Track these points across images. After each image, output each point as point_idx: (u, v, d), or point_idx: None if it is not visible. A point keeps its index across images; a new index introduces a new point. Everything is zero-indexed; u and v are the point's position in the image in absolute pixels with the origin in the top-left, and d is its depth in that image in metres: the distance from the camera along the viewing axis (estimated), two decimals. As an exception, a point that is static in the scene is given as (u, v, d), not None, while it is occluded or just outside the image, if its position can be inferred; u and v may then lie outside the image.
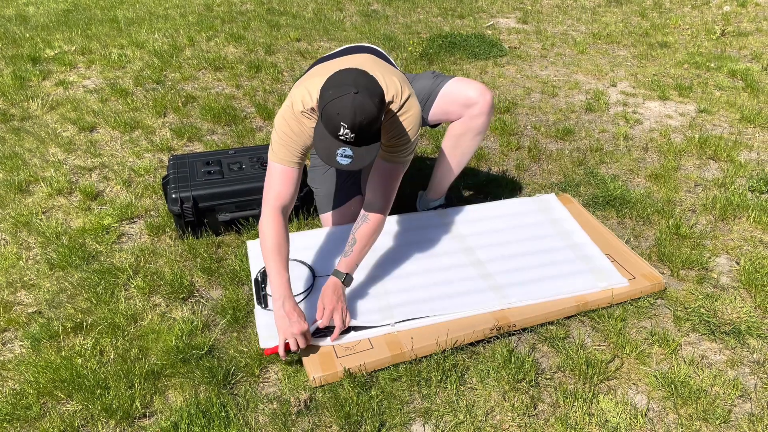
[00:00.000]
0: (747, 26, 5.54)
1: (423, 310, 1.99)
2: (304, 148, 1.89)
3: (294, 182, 1.91)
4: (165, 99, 3.77)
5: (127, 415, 1.70)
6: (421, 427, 1.69)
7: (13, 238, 2.50)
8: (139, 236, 2.53)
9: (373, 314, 1.98)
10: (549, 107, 3.83)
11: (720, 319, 2.06)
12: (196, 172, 2.51)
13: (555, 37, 5.27)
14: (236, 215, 2.46)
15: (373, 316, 1.97)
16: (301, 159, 1.91)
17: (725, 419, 1.69)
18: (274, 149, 1.89)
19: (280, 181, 1.90)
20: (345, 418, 1.67)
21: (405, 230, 2.41)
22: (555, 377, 1.85)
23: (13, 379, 1.83)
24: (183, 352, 1.89)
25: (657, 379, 1.82)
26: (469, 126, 2.28)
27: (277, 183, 1.90)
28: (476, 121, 2.26)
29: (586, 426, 1.68)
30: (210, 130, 3.46)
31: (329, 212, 2.40)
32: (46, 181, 2.88)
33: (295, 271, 2.07)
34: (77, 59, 4.45)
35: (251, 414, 1.72)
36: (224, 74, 4.27)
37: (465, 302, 2.04)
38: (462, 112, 2.26)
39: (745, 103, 3.82)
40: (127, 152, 3.19)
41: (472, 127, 2.28)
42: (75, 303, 2.13)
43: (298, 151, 1.88)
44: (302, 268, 2.20)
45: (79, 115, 3.57)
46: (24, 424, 1.69)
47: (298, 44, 4.92)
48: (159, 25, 5.31)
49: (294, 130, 1.85)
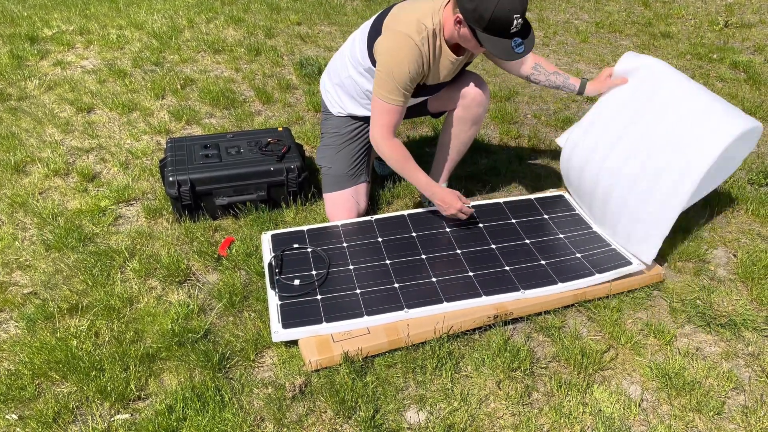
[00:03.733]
0: (750, 18, 5.50)
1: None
2: (414, 82, 2.03)
3: (401, 114, 2.10)
4: (163, 81, 3.75)
5: (121, 398, 1.70)
6: (416, 413, 1.69)
7: (9, 218, 2.49)
8: (135, 219, 2.52)
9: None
10: (550, 96, 3.81)
11: (716, 312, 2.06)
12: (193, 156, 2.50)
13: (557, 25, 5.23)
14: (234, 199, 2.45)
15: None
16: (408, 94, 2.06)
17: (719, 411, 1.70)
18: (391, 95, 2.02)
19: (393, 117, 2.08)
20: (340, 404, 1.67)
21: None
22: (550, 366, 1.85)
23: (8, 359, 1.83)
24: (178, 336, 1.89)
25: (651, 370, 1.83)
26: (465, 115, 2.30)
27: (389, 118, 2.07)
28: (472, 110, 2.29)
29: (579, 415, 1.68)
30: (208, 113, 3.44)
31: (333, 192, 2.39)
32: (42, 161, 2.86)
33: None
34: (75, 39, 4.41)
35: (246, 398, 1.72)
36: (223, 57, 4.23)
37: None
38: (457, 102, 2.30)
39: (746, 95, 3.80)
40: (125, 134, 3.17)
41: (468, 117, 2.30)
42: (71, 284, 2.13)
43: (411, 89, 2.05)
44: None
45: (77, 96, 3.54)
46: (19, 404, 1.69)
47: (299, 28, 4.88)
48: (158, 5, 5.26)
49: (416, 67, 1.98)
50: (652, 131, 2.09)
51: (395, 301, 1.97)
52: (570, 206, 2.47)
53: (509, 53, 1.86)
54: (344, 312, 1.92)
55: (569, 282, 2.04)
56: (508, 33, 1.84)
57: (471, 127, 2.34)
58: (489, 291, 2.01)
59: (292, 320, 1.89)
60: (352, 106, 2.32)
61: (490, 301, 1.98)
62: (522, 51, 1.87)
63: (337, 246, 2.23)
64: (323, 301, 1.97)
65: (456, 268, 2.12)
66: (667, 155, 2.03)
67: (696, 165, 1.96)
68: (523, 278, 2.07)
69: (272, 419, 1.66)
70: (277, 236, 2.27)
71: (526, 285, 2.04)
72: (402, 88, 2.01)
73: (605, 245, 2.24)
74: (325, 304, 1.96)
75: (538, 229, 2.33)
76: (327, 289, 2.03)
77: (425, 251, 2.20)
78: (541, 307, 2.01)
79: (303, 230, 2.30)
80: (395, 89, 2.01)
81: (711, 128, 1.97)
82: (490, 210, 2.43)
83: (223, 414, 1.64)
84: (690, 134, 2.00)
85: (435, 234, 2.29)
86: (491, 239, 2.27)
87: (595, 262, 2.14)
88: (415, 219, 2.37)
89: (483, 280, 2.06)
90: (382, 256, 2.18)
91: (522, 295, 2.00)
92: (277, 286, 2.03)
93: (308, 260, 2.16)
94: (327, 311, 1.93)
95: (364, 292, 2.01)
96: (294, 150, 2.59)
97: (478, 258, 2.17)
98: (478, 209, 2.41)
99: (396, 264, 2.14)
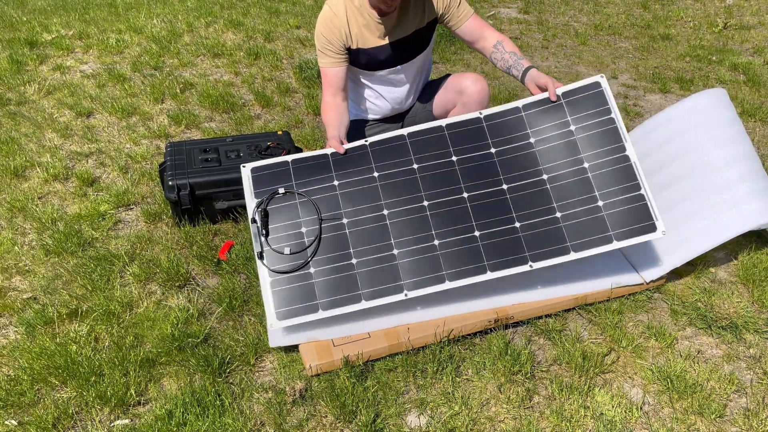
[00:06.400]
0: (749, 20, 5.50)
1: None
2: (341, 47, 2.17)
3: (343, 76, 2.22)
4: (163, 85, 3.75)
5: (121, 403, 1.69)
6: (416, 417, 1.68)
7: (9, 223, 2.48)
8: (135, 223, 2.52)
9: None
10: (549, 99, 3.81)
11: (717, 314, 2.05)
12: (193, 160, 2.49)
13: (557, 27, 5.24)
14: (233, 203, 2.45)
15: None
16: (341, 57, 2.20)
17: (720, 414, 1.69)
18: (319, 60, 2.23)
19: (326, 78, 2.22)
20: (340, 408, 1.67)
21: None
22: (551, 370, 1.85)
23: (8, 365, 1.83)
24: (178, 340, 1.88)
25: (653, 372, 1.82)
26: (465, 113, 2.28)
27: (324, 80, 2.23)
28: (471, 108, 2.30)
29: (581, 419, 1.68)
30: (208, 117, 3.44)
31: None
32: (42, 166, 2.86)
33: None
34: (75, 44, 4.41)
35: (246, 403, 1.71)
36: (223, 61, 4.24)
37: None
38: (456, 100, 2.34)
39: (746, 97, 3.80)
40: (124, 138, 3.17)
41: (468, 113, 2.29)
42: (70, 289, 2.12)
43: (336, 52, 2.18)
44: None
45: (76, 101, 3.54)
46: (18, 410, 1.68)
47: (298, 31, 4.88)
48: (157, 10, 5.26)
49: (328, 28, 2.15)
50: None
51: (394, 277, 1.87)
52: (606, 104, 2.03)
53: None
54: (340, 295, 1.85)
55: (583, 251, 1.88)
56: None
57: None
58: (495, 265, 1.88)
59: (287, 307, 1.83)
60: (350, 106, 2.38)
61: (496, 275, 1.86)
62: None
63: (328, 185, 2.00)
64: (317, 277, 1.88)
65: (462, 224, 1.93)
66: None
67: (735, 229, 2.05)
68: (533, 243, 1.90)
69: (273, 424, 1.65)
70: (258, 171, 2.03)
71: (536, 255, 1.88)
72: (322, 50, 2.19)
73: (634, 189, 1.93)
74: (319, 282, 1.87)
75: (560, 153, 2.00)
76: (320, 258, 1.90)
77: (427, 193, 1.98)
78: (542, 311, 2.01)
79: (287, 161, 2.05)
80: (320, 53, 2.21)
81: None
82: (506, 123, 2.07)
83: (224, 419, 1.64)
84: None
85: (438, 164, 2.03)
86: (503, 174, 2.00)
87: (619, 219, 1.90)
88: (416, 141, 2.07)
89: (490, 244, 1.90)
90: (378, 201, 1.98)
91: (529, 268, 1.87)
92: (265, 255, 1.91)
93: (296, 210, 1.96)
94: (322, 293, 1.85)
95: (360, 262, 1.90)
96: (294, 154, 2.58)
97: (487, 207, 1.96)
98: (492, 120, 2.08)
99: (394, 218, 1.95)
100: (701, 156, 2.13)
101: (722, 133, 2.15)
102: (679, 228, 2.10)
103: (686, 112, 2.21)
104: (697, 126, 2.17)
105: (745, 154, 2.14)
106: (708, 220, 2.06)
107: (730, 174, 2.09)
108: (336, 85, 2.21)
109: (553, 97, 2.04)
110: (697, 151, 2.15)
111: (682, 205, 2.11)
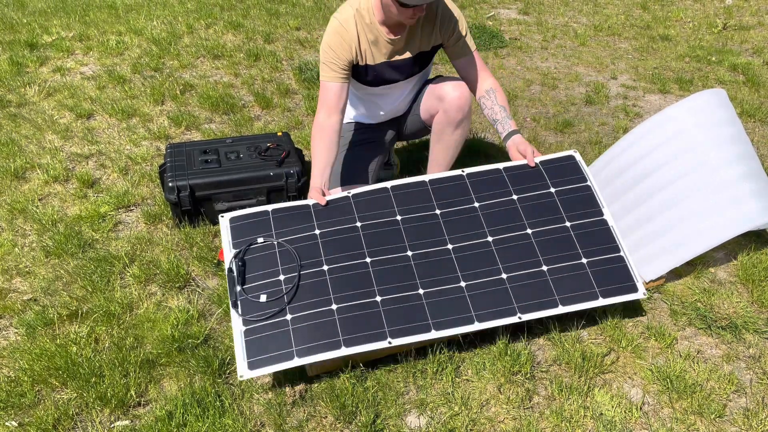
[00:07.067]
0: (749, 20, 5.51)
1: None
2: (347, 61, 2.13)
3: (342, 94, 2.16)
4: (163, 87, 3.75)
5: (121, 404, 1.70)
6: (416, 418, 1.69)
7: (9, 225, 2.48)
8: (135, 224, 2.52)
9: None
10: (549, 99, 3.81)
11: (716, 314, 2.05)
12: (193, 161, 2.50)
13: (556, 28, 5.24)
14: (233, 204, 2.45)
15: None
16: (345, 73, 2.15)
17: (720, 414, 1.69)
18: (321, 71, 2.16)
19: (325, 93, 2.16)
20: (340, 409, 1.67)
21: None
22: (551, 370, 1.85)
23: (8, 366, 1.83)
24: (178, 341, 1.89)
25: (653, 373, 1.83)
26: (446, 120, 2.30)
27: (322, 94, 2.16)
28: (451, 115, 2.28)
29: (581, 419, 1.68)
30: (208, 118, 3.44)
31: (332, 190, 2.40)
32: (42, 168, 2.86)
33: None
34: (75, 45, 4.41)
35: (246, 404, 1.72)
36: (223, 62, 4.24)
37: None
38: (438, 106, 2.30)
39: (745, 97, 3.80)
40: (125, 140, 3.18)
41: (449, 121, 2.30)
42: (70, 291, 2.13)
43: (341, 66, 2.13)
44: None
45: (76, 102, 3.54)
46: (18, 411, 1.68)
47: (298, 33, 4.89)
48: (157, 11, 5.27)
49: (336, 41, 2.10)
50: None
51: (377, 324, 1.78)
52: (581, 174, 2.13)
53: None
54: (318, 342, 1.73)
55: (570, 305, 1.86)
56: None
57: (455, 131, 2.32)
58: (483, 315, 1.82)
59: (259, 356, 1.71)
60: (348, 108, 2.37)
61: (484, 326, 1.81)
62: None
63: (308, 234, 1.95)
64: (294, 324, 1.76)
65: (447, 274, 1.90)
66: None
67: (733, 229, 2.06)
68: (521, 294, 1.87)
69: (272, 425, 1.65)
70: (237, 220, 1.98)
71: (524, 307, 1.85)
72: (327, 63, 2.12)
73: (614, 251, 1.98)
74: (296, 329, 1.75)
75: (542, 210, 2.04)
76: (298, 305, 1.80)
77: (411, 244, 1.95)
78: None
79: (267, 211, 2.00)
80: (323, 65, 2.14)
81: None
82: (488, 180, 2.11)
83: (224, 420, 1.64)
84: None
85: (422, 216, 2.02)
86: (488, 226, 2.00)
87: (602, 277, 1.93)
88: (399, 194, 2.07)
89: (477, 295, 1.86)
90: (361, 250, 1.92)
91: (518, 320, 1.83)
92: (240, 303, 1.81)
93: (275, 258, 1.90)
94: (299, 339, 1.73)
95: (341, 308, 1.80)
96: (293, 155, 2.59)
97: (472, 258, 1.94)
98: (475, 178, 2.13)
99: (377, 266, 1.90)
100: (700, 156, 2.14)
101: (722, 134, 2.15)
102: (678, 228, 2.10)
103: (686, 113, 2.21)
104: (697, 126, 2.18)
105: (745, 154, 2.15)
106: (707, 220, 2.06)
107: (730, 174, 2.09)
108: (333, 104, 2.14)
109: (532, 164, 2.14)
110: (696, 151, 2.15)
111: (681, 205, 2.11)
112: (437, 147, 2.40)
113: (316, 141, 2.14)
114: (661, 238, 2.13)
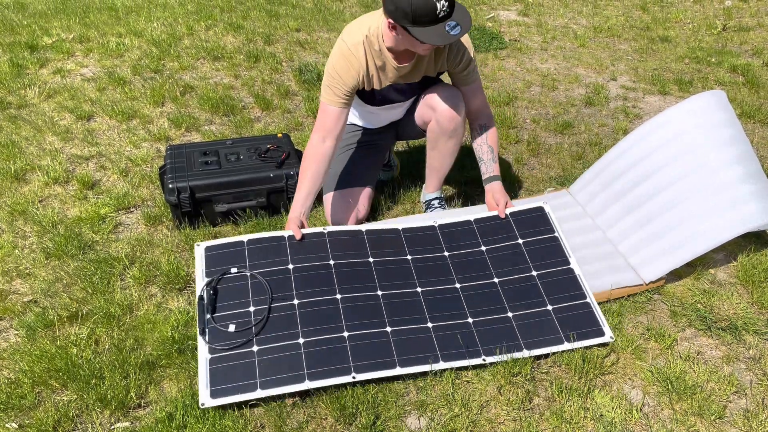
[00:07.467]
0: (748, 21, 5.51)
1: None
2: (352, 87, 2.11)
3: (341, 119, 2.15)
4: (163, 88, 3.75)
5: (121, 405, 1.70)
6: (416, 420, 1.69)
7: (9, 226, 2.49)
8: (135, 226, 2.52)
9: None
10: (549, 101, 3.82)
11: (716, 315, 2.06)
12: (193, 162, 2.50)
13: (556, 30, 5.25)
14: (233, 206, 2.45)
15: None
16: (347, 98, 2.13)
17: (720, 415, 1.69)
18: (323, 92, 2.14)
19: (324, 116, 2.15)
20: (340, 410, 1.67)
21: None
22: (551, 371, 1.85)
23: (8, 368, 1.83)
24: (178, 343, 1.89)
25: (653, 374, 1.83)
26: (439, 129, 2.30)
27: (321, 116, 2.15)
28: (444, 125, 2.27)
29: (581, 420, 1.68)
30: (208, 120, 3.44)
31: (331, 192, 2.40)
32: (42, 169, 2.87)
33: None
34: (75, 47, 4.42)
35: (246, 405, 1.71)
36: (223, 64, 4.24)
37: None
38: (431, 115, 2.30)
39: (745, 98, 3.81)
40: (125, 141, 3.18)
41: (442, 131, 2.29)
42: (70, 292, 2.13)
43: (344, 92, 2.11)
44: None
45: (77, 104, 3.55)
46: (19, 413, 1.68)
47: (298, 34, 4.89)
48: (157, 13, 5.27)
49: (343, 66, 2.07)
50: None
51: (342, 359, 1.78)
52: (549, 225, 2.22)
53: (445, 37, 1.86)
54: (282, 375, 1.73)
55: (535, 350, 1.87)
56: (436, 18, 1.84)
57: (449, 140, 2.32)
58: (448, 356, 1.83)
59: (222, 385, 1.70)
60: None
61: (448, 366, 1.81)
62: (458, 32, 1.86)
63: (281, 268, 1.99)
64: (260, 356, 1.77)
65: (414, 314, 1.93)
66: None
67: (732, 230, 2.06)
68: (486, 338, 1.89)
69: (272, 426, 1.65)
70: (212, 250, 2.01)
71: (489, 350, 1.86)
72: (330, 85, 2.10)
73: (580, 297, 2.01)
74: (262, 361, 1.76)
75: (509, 261, 2.12)
76: (265, 337, 1.81)
77: (381, 284, 2.00)
78: (542, 312, 2.01)
79: (243, 241, 2.04)
80: (326, 87, 2.12)
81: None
82: (458, 232, 2.21)
83: (224, 421, 1.64)
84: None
85: (394, 261, 2.08)
86: (456, 274, 2.07)
87: (567, 322, 1.95)
88: (373, 238, 2.14)
89: (443, 336, 1.88)
90: (332, 287, 1.96)
91: (482, 362, 1.83)
92: (208, 331, 1.81)
93: (247, 289, 1.92)
94: (263, 371, 1.73)
95: (308, 342, 1.81)
96: (293, 156, 2.59)
97: (440, 302, 1.98)
98: (446, 229, 2.22)
99: (347, 303, 1.92)
100: (700, 157, 2.14)
101: (721, 135, 2.16)
102: (678, 229, 2.11)
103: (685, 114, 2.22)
104: (696, 127, 2.18)
105: (744, 156, 2.15)
106: (707, 221, 2.06)
107: (730, 175, 2.09)
108: (330, 128, 2.13)
109: (502, 215, 2.24)
110: (696, 152, 2.15)
111: (681, 207, 2.12)
112: (433, 154, 2.41)
113: (305, 165, 2.15)
114: (660, 240, 2.13)
